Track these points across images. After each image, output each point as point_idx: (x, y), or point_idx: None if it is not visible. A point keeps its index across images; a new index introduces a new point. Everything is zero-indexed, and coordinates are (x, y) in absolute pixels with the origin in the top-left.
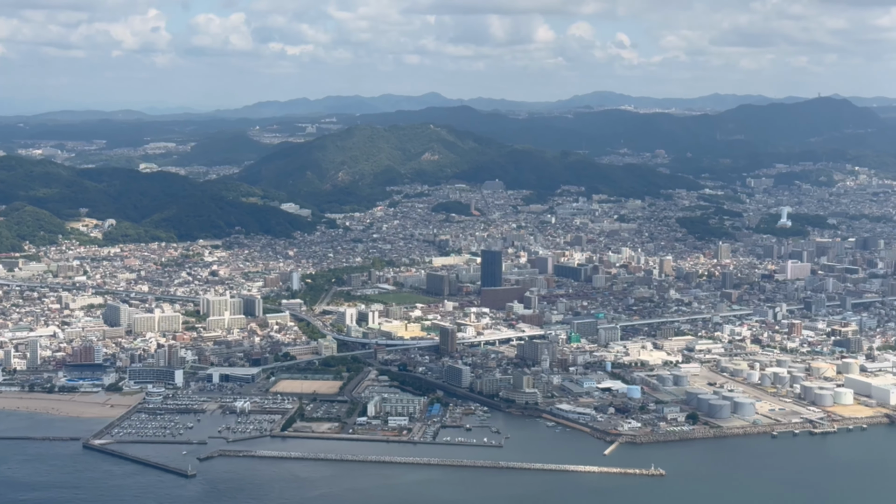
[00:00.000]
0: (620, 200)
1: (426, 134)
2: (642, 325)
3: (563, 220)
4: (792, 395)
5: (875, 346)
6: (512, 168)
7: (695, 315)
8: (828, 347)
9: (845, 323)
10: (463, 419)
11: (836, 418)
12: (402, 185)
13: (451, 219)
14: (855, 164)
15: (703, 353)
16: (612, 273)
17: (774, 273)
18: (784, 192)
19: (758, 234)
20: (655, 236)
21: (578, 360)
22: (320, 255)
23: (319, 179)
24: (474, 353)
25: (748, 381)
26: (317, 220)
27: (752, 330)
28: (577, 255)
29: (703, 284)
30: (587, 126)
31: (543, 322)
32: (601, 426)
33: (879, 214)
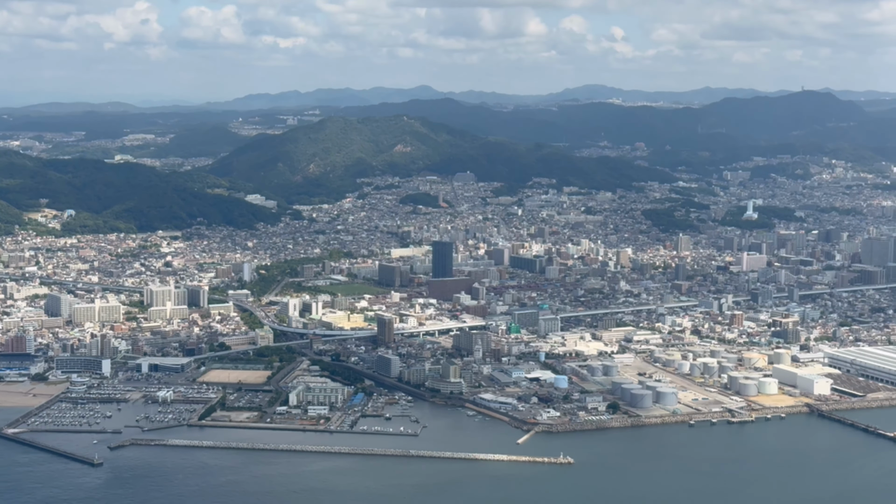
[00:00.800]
0: (591, 193)
1: (400, 126)
2: (585, 316)
3: (530, 212)
4: (718, 385)
5: (813, 336)
6: (484, 160)
7: (641, 306)
8: (765, 338)
9: (786, 314)
10: (385, 409)
11: (756, 408)
12: (372, 177)
13: (419, 210)
14: (832, 157)
15: (641, 343)
16: (568, 264)
17: (730, 265)
18: (759, 184)
19: (723, 227)
20: (620, 228)
21: (513, 350)
22: (280, 246)
23: (290, 171)
24: (411, 343)
25: (679, 372)
26: (282, 212)
27: (693, 321)
28: (536, 247)
29: (656, 276)
30: (571, 119)
31: (488, 313)
32: (520, 415)
33: (850, 207)
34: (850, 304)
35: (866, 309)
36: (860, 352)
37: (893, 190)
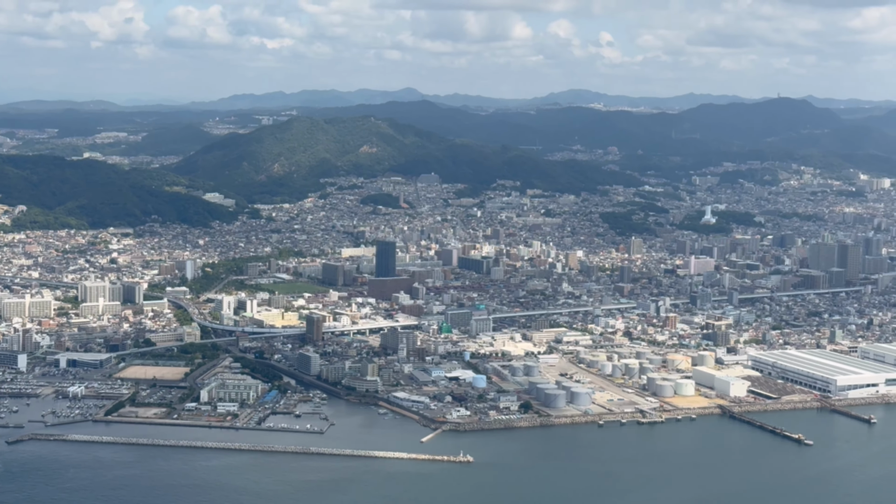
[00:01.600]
0: (554, 195)
1: (367, 127)
2: (521, 317)
3: (489, 214)
4: (637, 386)
5: (743, 339)
6: (450, 162)
7: (579, 308)
8: (695, 341)
9: (720, 317)
10: (297, 406)
11: (668, 409)
12: (336, 178)
13: (378, 211)
14: (801, 163)
15: (570, 344)
16: (517, 266)
17: (678, 268)
18: (727, 189)
19: (680, 231)
20: (577, 231)
21: (439, 349)
22: (232, 244)
23: (255, 171)
24: (339, 342)
25: (601, 373)
26: (239, 211)
27: (627, 323)
28: (487, 248)
29: (602, 279)
30: (547, 123)
31: (424, 312)
32: (430, 414)
33: (812, 213)
34: (788, 307)
35: (803, 313)
36: (782, 355)
37: (858, 196)
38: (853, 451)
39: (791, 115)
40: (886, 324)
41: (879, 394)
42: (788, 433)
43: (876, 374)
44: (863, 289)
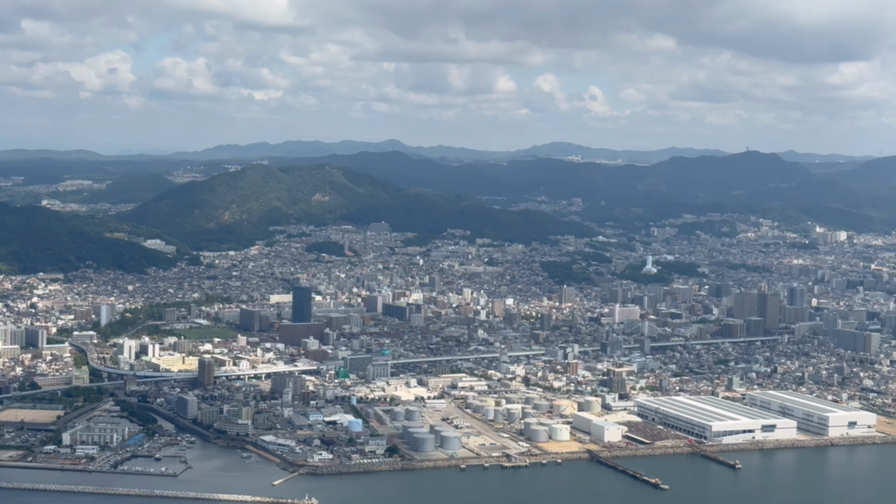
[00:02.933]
0: (503, 245)
1: (321, 176)
2: (424, 362)
3: (432, 262)
4: (513, 431)
5: (639, 386)
6: (402, 212)
7: (487, 354)
8: (592, 387)
9: (621, 364)
10: (161, 449)
11: (536, 453)
12: (287, 226)
13: (322, 259)
14: (760, 216)
15: (465, 389)
16: (442, 313)
17: (602, 316)
18: (683, 241)
19: (620, 280)
20: (516, 279)
21: (328, 394)
22: (161, 290)
23: (206, 218)
24: (230, 386)
25: (485, 417)
26: (179, 258)
27: (529, 369)
28: (416, 296)
29: (522, 326)
30: (517, 174)
31: (329, 357)
32: (292, 457)
33: (760, 264)
34: (697, 355)
35: (710, 360)
36: (667, 401)
37: (810, 248)
38: (706, 496)
39: (760, 168)
40: (790, 372)
41: (755, 440)
42: (647, 478)
43: (753, 421)
44: (779, 338)
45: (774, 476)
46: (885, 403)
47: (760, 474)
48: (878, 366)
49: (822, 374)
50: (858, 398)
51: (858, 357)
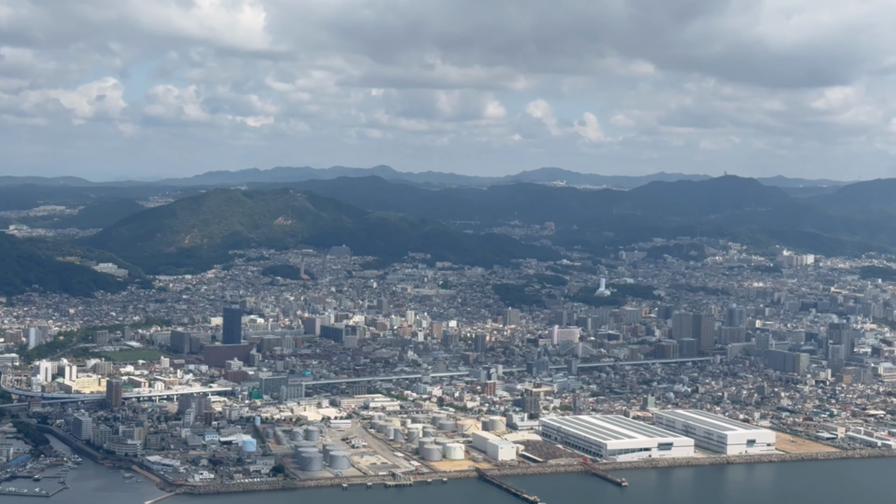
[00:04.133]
0: (463, 268)
1: (284, 200)
2: (344, 383)
3: (387, 285)
4: (409, 450)
5: (553, 406)
6: (364, 235)
7: (411, 375)
8: (505, 407)
9: (540, 384)
10: (44, 470)
11: (423, 472)
12: (247, 249)
13: (276, 282)
14: (730, 239)
15: (377, 409)
16: (380, 335)
17: (540, 338)
18: (649, 264)
19: (572, 303)
20: (467, 302)
21: (233, 415)
22: (103, 313)
23: (166, 242)
24: (137, 407)
25: (386, 437)
26: (130, 281)
27: (446, 390)
28: (357, 318)
29: (458, 348)
30: (494, 199)
31: (248, 379)
32: (173, 477)
33: (720, 287)
34: (623, 375)
35: (635, 381)
36: (571, 420)
37: (774, 271)
38: None
39: (737, 193)
40: (711, 392)
41: (651, 458)
42: (526, 496)
43: (650, 439)
44: (711, 358)
45: (659, 494)
46: (796, 423)
47: (645, 492)
48: (800, 385)
49: (743, 393)
50: (771, 417)
51: (785, 377)
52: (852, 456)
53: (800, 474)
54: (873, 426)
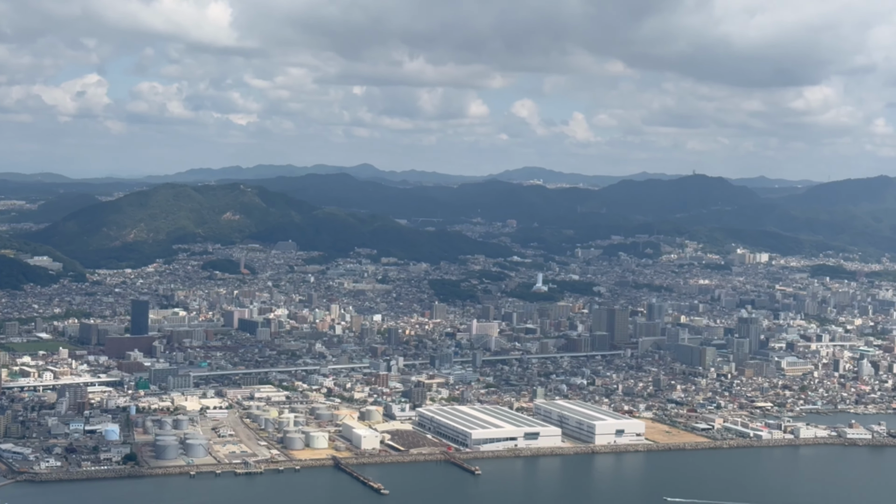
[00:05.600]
0: (408, 264)
1: (233, 195)
2: (235, 374)
3: (326, 280)
4: (274, 439)
5: (441, 397)
6: (312, 231)
7: (311, 367)
8: (392, 398)
9: (433, 376)
10: None
11: (277, 460)
12: (192, 244)
13: (215, 276)
14: (688, 238)
15: (262, 400)
16: (302, 328)
17: (458, 332)
18: (603, 262)
19: (508, 298)
20: (401, 297)
21: (109, 404)
22: (25, 306)
23: (112, 237)
24: (16, 396)
25: (259, 427)
26: (64, 274)
27: (338, 381)
28: (279, 312)
29: (373, 341)
30: (462, 197)
31: (144, 369)
32: (20, 465)
33: (666, 284)
34: (525, 368)
35: (536, 373)
36: (447, 410)
37: (723, 269)
38: (423, 499)
39: (704, 192)
40: (608, 384)
41: (517, 447)
42: (372, 483)
43: (517, 429)
44: (622, 352)
45: (508, 481)
46: (679, 414)
47: (495, 480)
48: (700, 378)
49: (639, 385)
50: (657, 409)
51: (690, 370)
52: (720, 446)
53: (658, 463)
54: (755, 418)
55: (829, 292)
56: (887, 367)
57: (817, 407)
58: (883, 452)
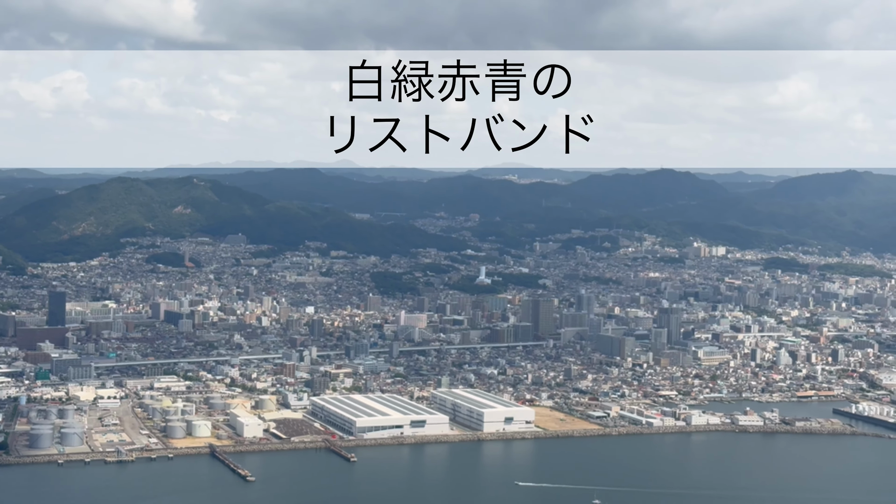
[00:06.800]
0: (358, 257)
1: (185, 189)
2: (143, 364)
3: (270, 273)
4: (158, 428)
5: (343, 386)
6: (264, 224)
7: (224, 357)
8: (294, 388)
9: (340, 366)
10: None
11: (151, 449)
12: (141, 238)
13: (158, 269)
14: (647, 231)
15: (160, 390)
16: (230, 320)
17: (385, 323)
18: (560, 255)
19: (450, 291)
20: (342, 289)
21: (1, 394)
22: None
23: (61, 230)
24: None
25: (148, 416)
26: (3, 267)
27: (245, 372)
28: (210, 303)
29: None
30: (430, 192)
31: (50, 360)
32: None
33: (616, 277)
34: (441, 358)
35: (450, 363)
36: (335, 399)
37: (677, 262)
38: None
39: (671, 186)
40: (518, 374)
41: (402, 435)
42: (240, 470)
43: (403, 416)
44: (545, 343)
45: (381, 468)
46: (580, 402)
47: (369, 466)
48: (613, 368)
49: (550, 374)
50: (559, 397)
51: (607, 360)
52: (609, 433)
53: (541, 450)
54: (656, 406)
55: (776, 285)
56: (805, 356)
57: (722, 395)
58: (773, 439)
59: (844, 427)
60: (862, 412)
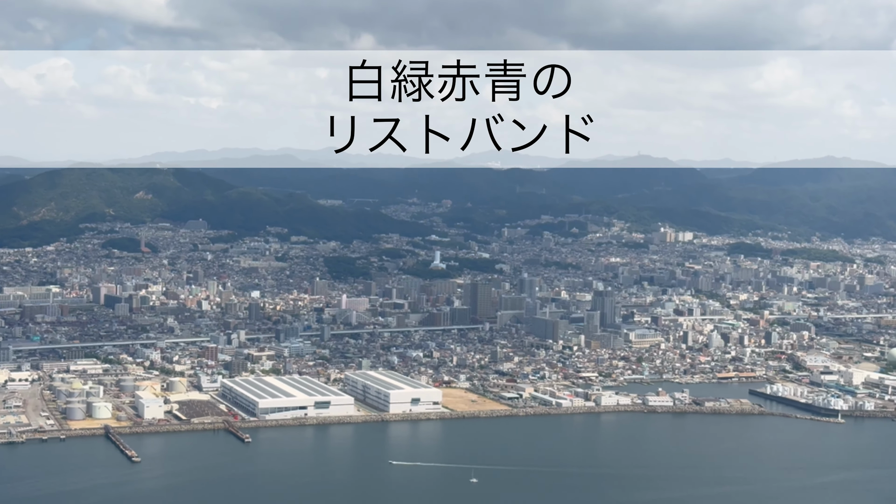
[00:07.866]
0: (318, 242)
1: (148, 175)
2: (63, 348)
3: (224, 258)
4: (58, 411)
5: (262, 368)
6: (226, 210)
7: (150, 341)
8: (214, 370)
9: (262, 348)
10: None
11: (43, 430)
12: (101, 223)
13: (113, 254)
14: (616, 217)
15: (77, 373)
16: (171, 304)
17: (327, 307)
18: (527, 241)
19: (404, 275)
20: (295, 274)
21: None
22: None
23: (21, 216)
24: None
25: (54, 399)
26: None
27: (166, 354)
28: (154, 288)
29: (230, 317)
30: (404, 179)
31: None
32: None
33: (576, 262)
34: (371, 341)
35: (379, 346)
36: (244, 381)
37: (642, 248)
38: (172, 466)
39: (647, 173)
40: (444, 357)
41: (305, 416)
42: (128, 451)
43: (308, 398)
44: (481, 326)
45: (272, 449)
46: (497, 384)
47: (261, 447)
48: (542, 350)
49: (475, 357)
50: (477, 379)
51: (540, 343)
52: (517, 414)
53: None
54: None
55: (733, 269)
56: (738, 339)
57: (643, 377)
58: (682, 419)
59: (753, 407)
60: (776, 392)
